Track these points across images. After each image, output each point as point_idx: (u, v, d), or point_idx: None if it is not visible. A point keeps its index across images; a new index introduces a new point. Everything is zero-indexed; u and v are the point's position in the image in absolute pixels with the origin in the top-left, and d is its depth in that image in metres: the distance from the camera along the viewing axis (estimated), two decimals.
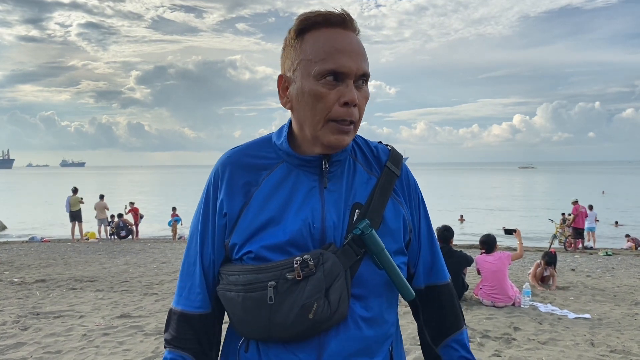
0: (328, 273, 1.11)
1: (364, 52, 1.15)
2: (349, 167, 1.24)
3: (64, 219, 25.13)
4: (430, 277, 1.32)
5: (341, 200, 1.19)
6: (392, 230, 1.21)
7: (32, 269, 10.57)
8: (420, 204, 1.32)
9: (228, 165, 1.23)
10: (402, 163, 1.31)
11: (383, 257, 1.15)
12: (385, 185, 1.23)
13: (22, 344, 5.26)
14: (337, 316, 1.12)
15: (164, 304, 7.12)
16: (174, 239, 19.65)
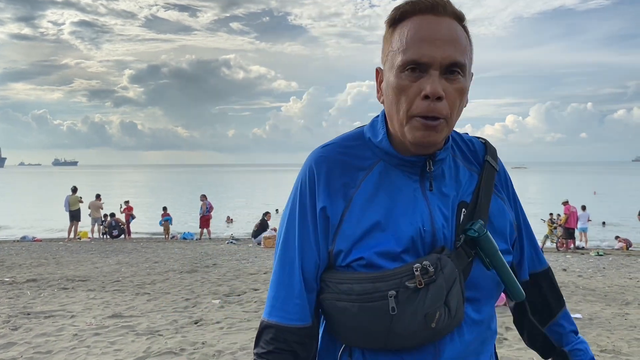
0: (447, 278, 1.05)
1: (457, 38, 1.04)
2: (450, 164, 1.16)
3: (56, 218, 25.02)
4: (533, 266, 1.29)
5: (447, 200, 1.12)
6: (498, 229, 1.17)
7: (23, 268, 10.51)
8: (516, 198, 1.27)
9: (324, 163, 1.13)
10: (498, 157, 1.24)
11: (497, 258, 1.11)
12: (487, 181, 1.17)
13: (12, 344, 5.23)
14: (455, 321, 1.08)
15: (156, 303, 7.09)
16: (167, 238, 19.60)
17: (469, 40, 1.08)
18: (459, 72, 1.03)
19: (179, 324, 5.99)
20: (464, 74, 1.04)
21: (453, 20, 1.06)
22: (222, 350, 5.00)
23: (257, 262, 11.54)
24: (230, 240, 17.68)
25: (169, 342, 5.23)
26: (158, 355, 4.85)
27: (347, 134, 1.19)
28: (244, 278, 9.26)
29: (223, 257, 12.60)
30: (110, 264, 11.27)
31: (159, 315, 6.41)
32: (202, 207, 19.90)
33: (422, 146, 1.07)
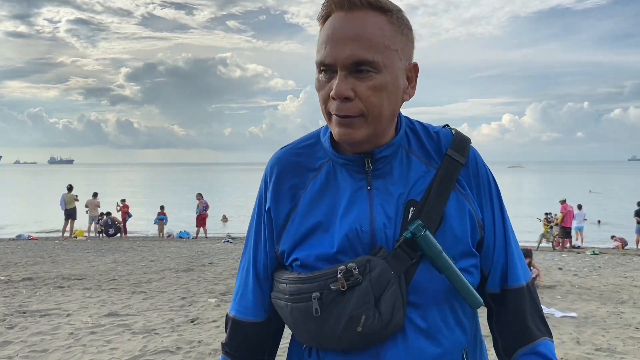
0: (376, 282, 1.01)
1: (363, 33, 0.99)
2: (402, 160, 1.10)
3: (52, 216, 24.95)
4: (506, 280, 1.14)
5: (392, 199, 1.07)
6: (456, 229, 1.07)
7: (18, 267, 10.48)
8: (493, 197, 1.14)
9: (276, 166, 1.16)
10: (470, 148, 1.13)
11: (441, 261, 1.03)
12: (445, 176, 1.08)
13: (8, 342, 5.21)
14: (391, 327, 1.02)
15: (152, 302, 7.08)
16: (162, 237, 19.57)
17: (395, 29, 1.02)
18: (370, 69, 0.99)
19: (175, 322, 5.98)
20: (376, 70, 0.99)
21: (369, 13, 1.00)
22: (218, 349, 4.99)
23: None
24: (227, 239, 17.66)
25: (165, 341, 5.22)
26: (154, 353, 4.85)
27: (308, 134, 1.21)
28: None
29: (219, 255, 12.59)
30: (106, 262, 11.24)
31: (155, 314, 6.41)
32: (199, 206, 19.87)
33: (346, 143, 1.06)
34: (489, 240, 1.13)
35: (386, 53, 1.00)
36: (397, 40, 1.03)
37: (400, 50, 1.03)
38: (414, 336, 1.05)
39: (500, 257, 1.14)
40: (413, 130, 1.15)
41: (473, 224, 1.10)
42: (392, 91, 1.03)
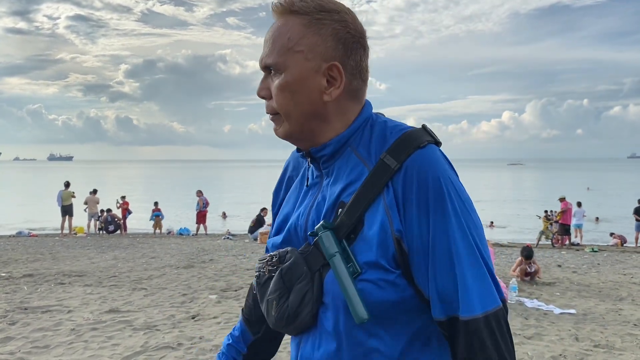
0: (285, 273, 1.07)
1: (273, 38, 1.07)
2: (345, 160, 1.10)
3: (52, 213, 24.95)
4: (456, 307, 0.98)
5: (328, 198, 1.09)
6: (367, 237, 1.01)
7: (19, 263, 10.50)
8: (430, 209, 0.99)
9: (289, 161, 1.30)
10: (415, 153, 1.02)
11: (332, 265, 1.01)
12: (372, 181, 1.03)
13: (10, 338, 5.24)
14: (300, 319, 1.06)
15: (152, 299, 7.11)
16: (160, 232, 19.62)
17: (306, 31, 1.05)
18: (274, 71, 1.07)
19: (176, 319, 6.01)
20: (279, 72, 1.06)
21: (286, 18, 1.07)
22: (219, 345, 5.02)
23: (254, 258, 11.57)
24: (227, 235, 17.70)
25: (167, 337, 5.25)
26: (156, 349, 4.87)
27: None
28: (240, 273, 9.29)
29: (219, 252, 12.63)
30: (106, 259, 11.27)
31: (156, 310, 6.43)
32: (199, 203, 19.91)
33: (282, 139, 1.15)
34: (422, 258, 1.00)
35: (288, 55, 1.06)
36: (305, 41, 1.05)
37: (307, 51, 1.05)
38: (322, 335, 1.06)
39: (441, 280, 0.99)
40: (371, 129, 1.11)
41: (385, 236, 1.00)
42: (297, 90, 1.06)
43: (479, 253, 1.00)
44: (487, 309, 0.97)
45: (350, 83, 1.09)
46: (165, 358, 4.65)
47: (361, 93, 1.13)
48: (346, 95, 1.09)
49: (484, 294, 0.98)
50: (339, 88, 1.07)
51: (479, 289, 0.98)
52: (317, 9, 1.06)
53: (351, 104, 1.11)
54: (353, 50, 1.08)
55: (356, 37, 1.09)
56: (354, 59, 1.08)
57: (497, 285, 1.02)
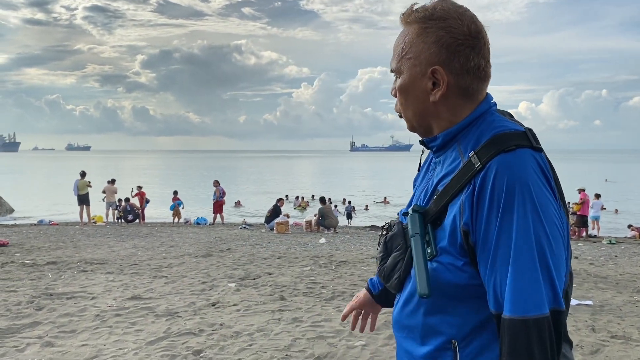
0: (389, 240, 1.30)
1: (395, 46, 1.28)
2: (450, 153, 1.25)
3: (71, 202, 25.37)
4: (500, 304, 1.06)
5: (431, 185, 1.27)
6: (445, 226, 1.16)
7: (42, 251, 10.75)
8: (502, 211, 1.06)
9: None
10: (499, 156, 1.09)
11: (411, 243, 1.18)
12: (459, 176, 1.15)
13: (37, 323, 5.42)
14: (392, 281, 1.28)
15: (173, 286, 7.26)
16: (178, 221, 19.88)
17: (416, 39, 1.21)
18: (395, 75, 1.28)
19: (196, 306, 6.15)
20: (399, 75, 1.26)
21: (405, 27, 1.25)
22: (240, 331, 5.14)
23: (271, 247, 11.70)
24: (243, 225, 17.87)
25: (188, 324, 5.38)
26: (178, 335, 5.01)
27: None
28: (258, 262, 9.42)
29: (237, 242, 12.78)
30: (126, 247, 11.48)
31: (177, 297, 6.58)
32: (216, 193, 20.11)
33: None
34: (483, 254, 1.09)
35: (403, 61, 1.25)
36: (414, 49, 1.23)
37: (414, 58, 1.23)
38: (404, 301, 1.26)
39: (497, 277, 1.07)
40: (478, 127, 1.20)
41: (455, 226, 1.13)
42: (409, 92, 1.25)
43: (540, 259, 1.04)
44: (527, 314, 1.02)
45: (457, 83, 1.20)
46: (188, 344, 4.78)
47: (473, 90, 1.22)
48: (455, 94, 1.21)
49: (530, 298, 1.02)
50: (441, 89, 1.21)
51: (527, 293, 1.02)
52: (426, 19, 1.21)
53: (462, 101, 1.22)
54: (457, 53, 1.18)
55: (460, 40, 1.18)
56: (459, 61, 1.19)
57: (556, 293, 1.04)
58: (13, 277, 7.87)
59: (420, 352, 1.21)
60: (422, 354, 1.21)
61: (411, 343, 1.24)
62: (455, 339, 1.15)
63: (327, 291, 6.97)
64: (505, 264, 1.05)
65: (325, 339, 4.92)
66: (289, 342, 4.84)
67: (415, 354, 1.23)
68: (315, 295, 6.75)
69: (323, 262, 9.49)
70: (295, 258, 9.98)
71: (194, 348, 4.65)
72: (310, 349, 4.67)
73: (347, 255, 10.51)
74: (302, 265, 9.07)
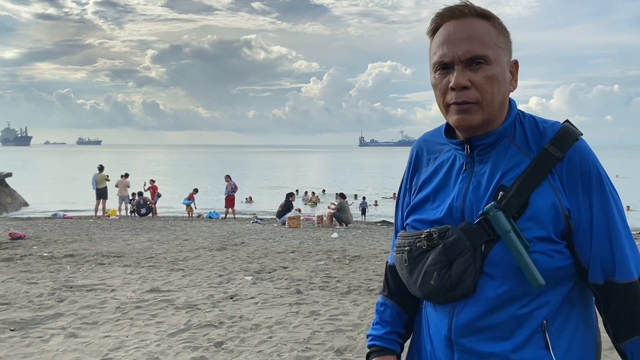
0: (449, 247, 1.22)
1: (475, 34, 1.21)
2: (503, 149, 1.26)
3: (84, 195, 25.60)
4: (610, 273, 1.20)
5: (486, 182, 1.25)
6: (537, 215, 1.19)
7: (58, 244, 10.88)
8: (593, 191, 1.20)
9: (415, 148, 1.46)
10: (574, 144, 1.22)
11: (507, 240, 1.17)
12: (537, 167, 1.21)
13: (60, 314, 5.51)
14: (461, 288, 1.22)
15: (190, 279, 7.34)
16: (191, 215, 20.05)
17: (497, 31, 1.24)
18: (483, 62, 1.20)
19: (215, 298, 6.22)
20: (488, 63, 1.20)
21: (475, 19, 1.23)
22: (259, 324, 5.20)
23: (284, 242, 11.77)
24: (255, 219, 17.97)
25: (208, 316, 5.45)
26: (199, 327, 5.08)
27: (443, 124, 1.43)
28: (272, 256, 9.48)
29: (250, 236, 12.86)
30: (141, 241, 11.60)
31: (195, 290, 6.65)
32: (227, 188, 20.21)
33: (461, 128, 1.26)
34: (585, 232, 1.20)
35: (494, 49, 1.22)
36: (501, 39, 1.25)
37: (504, 48, 1.25)
38: (485, 302, 1.22)
39: (601, 250, 1.20)
40: (522, 123, 1.29)
41: (557, 213, 1.19)
42: (501, 81, 1.23)
43: (628, 228, 1.25)
44: (636, 276, 1.21)
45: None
46: (209, 335, 4.84)
47: None
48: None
49: (637, 260, 1.22)
50: (516, 81, 1.29)
51: (633, 257, 1.21)
52: (488, 15, 1.26)
53: (508, 99, 1.30)
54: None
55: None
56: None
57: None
58: (32, 269, 7.99)
59: (509, 346, 1.21)
60: (514, 346, 1.21)
61: (492, 342, 1.22)
62: (546, 319, 1.22)
63: (343, 285, 7.02)
64: (608, 238, 1.20)
65: (344, 332, 4.97)
66: (308, 334, 4.89)
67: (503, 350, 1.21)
68: (331, 289, 6.80)
69: (337, 256, 9.54)
70: (309, 252, 10.03)
71: (215, 340, 4.71)
72: (329, 341, 4.72)
73: (360, 250, 10.55)
74: (316, 260, 9.12)
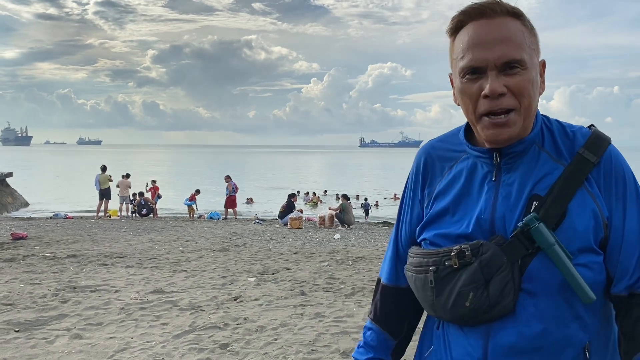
0: (486, 264, 1.11)
1: (509, 36, 1.09)
2: (533, 157, 1.17)
3: (85, 195, 25.59)
4: (635, 284, 1.12)
5: (517, 192, 1.15)
6: (578, 225, 1.11)
7: (61, 244, 10.87)
8: (628, 198, 1.14)
9: (422, 157, 1.33)
10: (607, 149, 1.16)
11: (553, 254, 1.08)
12: (573, 174, 1.13)
13: (64, 315, 5.50)
14: (499, 308, 1.11)
15: (194, 280, 7.32)
16: (192, 216, 20.04)
17: (528, 32, 1.13)
18: (518, 67, 1.09)
19: (219, 300, 6.20)
20: (524, 67, 1.09)
21: (506, 19, 1.11)
22: (264, 326, 5.19)
23: (286, 243, 11.75)
24: (257, 220, 17.94)
25: (213, 317, 5.44)
26: (203, 329, 5.06)
27: (451, 130, 1.34)
28: (275, 257, 9.46)
29: (252, 236, 12.84)
30: (143, 241, 11.58)
31: (199, 291, 6.64)
32: (228, 188, 20.18)
33: (496, 143, 1.14)
34: (616, 241, 1.13)
35: (528, 52, 1.12)
36: (532, 40, 1.15)
37: (535, 49, 1.15)
38: (525, 321, 1.11)
39: (629, 260, 1.13)
40: (549, 128, 1.21)
41: (597, 222, 1.11)
42: (536, 86, 1.13)
43: None
44: None
45: None
46: (214, 337, 4.83)
47: None
48: None
49: None
50: (544, 82, 1.19)
51: None
52: (518, 13, 1.14)
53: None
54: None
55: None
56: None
57: None
58: (35, 269, 7.98)
59: None
60: None
61: None
62: (589, 340, 1.14)
63: (347, 287, 7.01)
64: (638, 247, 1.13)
65: (349, 334, 4.95)
66: (314, 337, 4.88)
67: None
68: (335, 291, 6.79)
69: (340, 257, 9.52)
70: (312, 253, 10.02)
71: (220, 342, 4.70)
72: (335, 344, 4.71)
73: (362, 251, 10.54)
74: (319, 261, 9.11)
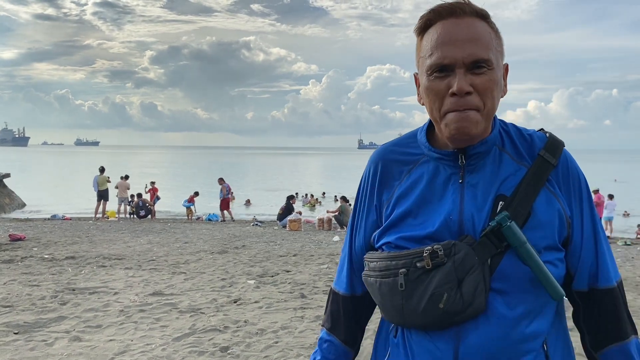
0: (460, 264, 1.10)
1: (478, 36, 1.11)
2: (494, 158, 1.19)
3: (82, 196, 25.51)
4: (594, 280, 1.20)
5: (483, 192, 1.16)
6: (543, 223, 1.14)
7: (59, 246, 10.83)
8: (583, 198, 1.20)
9: (376, 161, 1.30)
10: (563, 151, 1.20)
11: (524, 252, 1.10)
12: (535, 175, 1.16)
13: (63, 317, 5.46)
14: (472, 309, 1.10)
15: (193, 282, 7.30)
16: (191, 217, 20.00)
17: (494, 34, 1.15)
18: (485, 66, 1.10)
19: (218, 302, 6.18)
20: (491, 67, 1.11)
21: (475, 19, 1.13)
22: (264, 328, 5.17)
23: (285, 245, 11.73)
24: (255, 222, 17.92)
25: (212, 320, 5.41)
26: (203, 332, 5.04)
27: (406, 134, 1.33)
28: (274, 260, 9.44)
29: (251, 239, 12.81)
30: (141, 243, 11.54)
31: (198, 294, 6.61)
32: (222, 190, 20.15)
33: (458, 139, 1.14)
34: (577, 239, 1.19)
35: (495, 53, 1.14)
36: (498, 42, 1.17)
37: (500, 52, 1.18)
38: (496, 321, 1.11)
39: (589, 257, 1.19)
40: (506, 131, 1.23)
41: (561, 220, 1.16)
42: (499, 87, 1.15)
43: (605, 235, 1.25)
44: (617, 279, 1.23)
45: None
46: (214, 340, 4.81)
47: None
48: None
49: (614, 268, 1.23)
50: (506, 86, 1.21)
51: (612, 264, 1.23)
52: (485, 16, 1.17)
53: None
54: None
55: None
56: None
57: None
58: (34, 271, 7.94)
59: None
60: None
61: None
62: (546, 335, 1.17)
63: None
64: (594, 245, 1.21)
65: None
66: (314, 340, 4.85)
67: None
68: None
69: (339, 260, 9.49)
70: (311, 256, 10.00)
71: (221, 345, 4.68)
72: None
73: None
74: (318, 263, 9.09)
